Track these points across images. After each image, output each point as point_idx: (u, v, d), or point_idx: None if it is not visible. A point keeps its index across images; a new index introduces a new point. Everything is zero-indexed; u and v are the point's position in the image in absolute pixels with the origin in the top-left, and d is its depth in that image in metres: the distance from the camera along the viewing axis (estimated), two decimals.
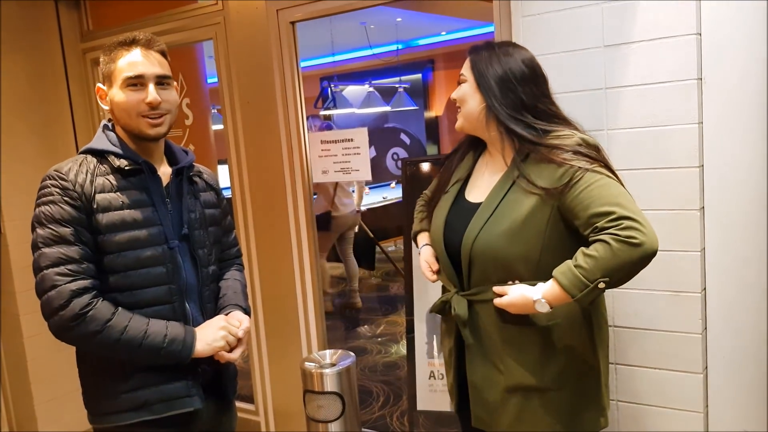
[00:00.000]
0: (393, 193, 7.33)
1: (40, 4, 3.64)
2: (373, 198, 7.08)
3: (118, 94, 1.70)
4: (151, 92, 1.68)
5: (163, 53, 1.76)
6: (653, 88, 1.98)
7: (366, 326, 5.58)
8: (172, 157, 1.87)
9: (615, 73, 2.03)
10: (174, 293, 1.74)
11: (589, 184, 1.59)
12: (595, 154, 1.65)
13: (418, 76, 9.73)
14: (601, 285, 1.53)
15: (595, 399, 1.81)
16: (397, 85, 8.73)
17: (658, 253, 1.53)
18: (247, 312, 1.90)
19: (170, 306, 1.73)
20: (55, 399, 3.75)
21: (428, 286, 2.91)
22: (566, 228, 1.66)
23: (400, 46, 8.63)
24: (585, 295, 1.55)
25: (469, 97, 1.80)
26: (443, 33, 8.62)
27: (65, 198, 1.63)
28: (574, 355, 1.75)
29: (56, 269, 1.59)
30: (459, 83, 1.83)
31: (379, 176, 8.31)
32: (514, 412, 1.77)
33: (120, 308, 1.65)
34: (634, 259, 1.51)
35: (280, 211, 3.11)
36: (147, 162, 1.73)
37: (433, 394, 2.92)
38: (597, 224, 1.55)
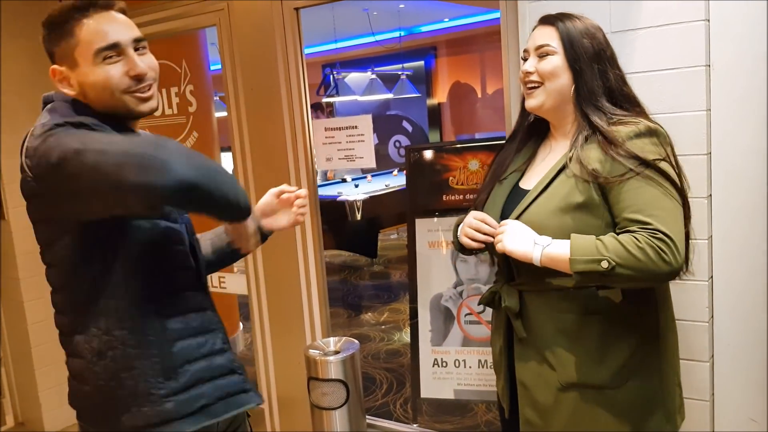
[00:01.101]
0: (395, 181, 7.30)
1: None
2: (376, 185, 7.06)
3: (92, 72, 1.37)
4: (137, 62, 1.39)
5: (124, 12, 1.45)
6: (660, 74, 1.96)
7: (369, 314, 5.58)
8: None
9: (621, 59, 1.98)
10: (201, 278, 1.58)
11: (635, 188, 1.50)
12: (653, 148, 1.53)
13: (421, 63, 9.68)
14: (605, 265, 1.41)
15: (662, 401, 1.65)
16: (399, 72, 8.69)
17: None
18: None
19: (202, 292, 1.57)
20: (59, 385, 3.76)
21: (432, 274, 2.91)
22: None
23: (402, 33, 8.59)
24: (585, 263, 1.44)
25: (561, 71, 1.61)
26: (446, 20, 8.57)
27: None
28: (636, 349, 1.61)
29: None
30: (541, 55, 1.64)
31: (381, 164, 8.28)
32: (567, 414, 1.62)
33: None
34: (653, 270, 1.42)
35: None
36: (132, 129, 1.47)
37: (437, 381, 2.92)
38: (630, 228, 1.48)
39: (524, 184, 1.75)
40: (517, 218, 1.62)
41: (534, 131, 1.81)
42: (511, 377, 1.77)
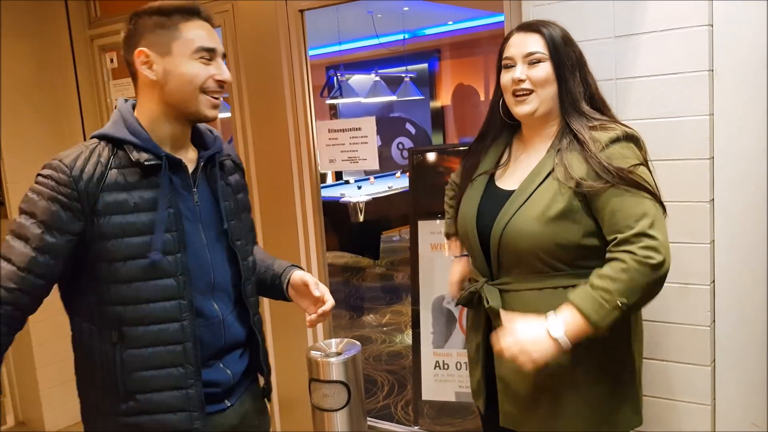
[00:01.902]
0: (398, 183, 7.31)
1: None
2: (379, 187, 7.07)
3: (185, 64, 1.47)
4: (224, 70, 1.52)
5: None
6: (664, 79, 1.96)
7: (370, 316, 5.58)
8: (198, 140, 1.65)
9: (625, 63, 2.01)
10: (185, 309, 1.51)
11: (618, 194, 1.55)
12: (632, 153, 1.60)
13: (424, 65, 9.69)
14: (622, 307, 1.49)
15: (631, 395, 1.73)
16: (403, 75, 8.70)
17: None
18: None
19: (179, 324, 1.50)
20: (60, 385, 3.76)
21: (434, 276, 2.91)
22: None
23: (406, 36, 8.59)
24: (603, 318, 1.50)
25: (551, 78, 1.66)
26: (450, 22, 8.58)
27: (58, 196, 1.41)
28: (610, 347, 1.66)
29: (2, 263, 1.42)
30: (532, 62, 1.66)
31: (384, 166, 8.28)
32: (547, 408, 1.68)
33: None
34: (650, 282, 1.51)
35: (287, 199, 3.11)
36: (170, 155, 1.51)
37: (439, 383, 2.92)
38: (618, 235, 1.54)
39: (503, 184, 1.78)
40: (505, 226, 1.66)
41: (505, 129, 1.84)
42: (487, 374, 1.81)
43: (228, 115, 3.29)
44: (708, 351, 2.00)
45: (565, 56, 1.66)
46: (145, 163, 1.46)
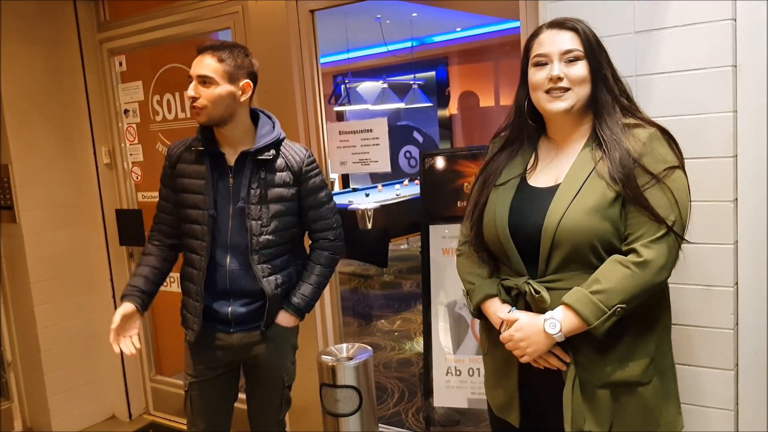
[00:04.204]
0: (406, 190, 7.28)
1: None
2: (387, 195, 7.04)
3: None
4: (191, 87, 2.13)
5: (220, 59, 2.12)
6: (686, 75, 1.92)
7: (379, 323, 5.55)
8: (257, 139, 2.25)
9: (646, 60, 1.98)
10: (202, 249, 2.20)
11: (659, 191, 1.55)
12: (671, 151, 1.60)
13: (432, 73, 9.68)
14: (619, 311, 1.51)
15: (675, 396, 1.71)
16: (411, 82, 8.69)
17: (690, 246, 1.52)
18: (294, 308, 2.32)
19: (198, 257, 2.22)
20: (68, 391, 3.74)
21: (446, 281, 2.87)
22: None
23: (414, 43, 8.59)
24: (602, 322, 1.51)
25: (587, 77, 1.63)
26: (458, 29, 8.58)
27: (166, 162, 2.31)
28: (658, 346, 1.65)
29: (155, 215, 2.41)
30: (570, 60, 1.63)
31: (392, 174, 8.26)
32: (598, 412, 1.61)
33: (149, 246, 2.39)
34: (652, 282, 1.54)
35: None
36: (209, 147, 2.19)
37: (450, 390, 2.88)
38: (641, 232, 1.55)
39: (538, 183, 1.71)
40: (560, 220, 1.59)
41: (524, 135, 1.79)
42: (520, 386, 1.74)
43: None
44: (731, 355, 1.96)
45: (600, 55, 1.64)
46: (193, 149, 2.23)
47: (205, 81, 2.10)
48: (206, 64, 2.10)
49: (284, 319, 2.31)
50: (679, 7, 1.91)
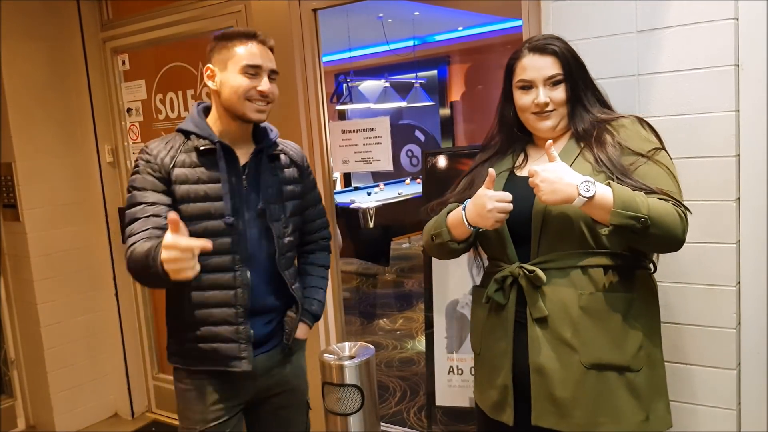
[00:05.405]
0: (408, 189, 7.28)
1: None
2: (388, 194, 7.04)
3: (233, 77, 1.87)
4: (265, 82, 1.90)
5: (272, 50, 1.96)
6: (688, 74, 1.92)
7: (381, 321, 5.55)
8: (260, 136, 2.04)
9: (648, 59, 1.98)
10: (237, 262, 1.90)
11: (648, 170, 1.61)
12: (652, 135, 1.68)
13: (434, 72, 9.68)
14: (642, 222, 1.47)
15: (665, 393, 1.71)
16: (413, 81, 8.69)
17: (692, 245, 1.51)
18: (313, 316, 2.12)
19: (232, 274, 1.90)
20: (71, 388, 3.75)
21: (448, 279, 2.87)
22: None
23: (416, 42, 8.59)
24: (622, 216, 1.47)
25: (568, 96, 1.72)
26: (460, 28, 8.57)
27: (149, 168, 1.88)
28: (647, 335, 1.66)
29: (129, 227, 1.84)
30: (554, 83, 1.71)
31: (394, 173, 8.27)
32: (591, 395, 1.61)
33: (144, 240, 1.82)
34: (675, 235, 1.52)
35: None
36: (222, 143, 1.90)
37: (452, 389, 2.88)
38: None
39: (526, 173, 1.73)
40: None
41: (511, 142, 1.86)
42: (514, 374, 1.73)
43: None
44: (733, 354, 1.96)
45: (576, 72, 1.72)
46: (201, 147, 1.90)
47: (270, 76, 1.93)
48: (272, 58, 1.94)
49: (302, 330, 2.10)
50: (681, 7, 1.91)
